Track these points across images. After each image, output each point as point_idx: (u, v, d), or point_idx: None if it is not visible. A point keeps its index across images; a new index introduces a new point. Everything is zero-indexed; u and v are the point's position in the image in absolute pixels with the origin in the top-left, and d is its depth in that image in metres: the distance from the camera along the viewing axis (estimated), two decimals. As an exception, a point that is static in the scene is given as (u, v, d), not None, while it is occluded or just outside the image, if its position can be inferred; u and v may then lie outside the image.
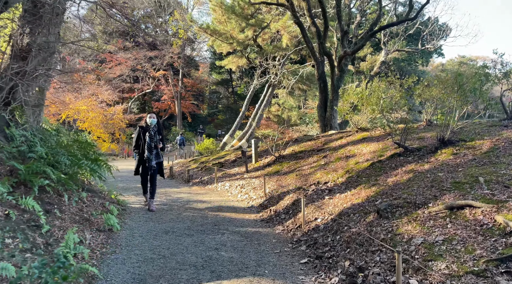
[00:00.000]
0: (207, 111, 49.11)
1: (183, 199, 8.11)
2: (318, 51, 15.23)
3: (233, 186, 9.15)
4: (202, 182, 10.62)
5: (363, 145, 7.79)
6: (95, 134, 22.16)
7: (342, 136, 9.28)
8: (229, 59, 24.70)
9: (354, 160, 7.01)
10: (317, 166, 7.83)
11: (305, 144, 10.12)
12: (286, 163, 9.05)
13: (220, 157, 13.33)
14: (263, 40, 24.77)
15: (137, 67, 29.95)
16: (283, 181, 7.83)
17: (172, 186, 10.41)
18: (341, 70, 15.07)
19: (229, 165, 11.57)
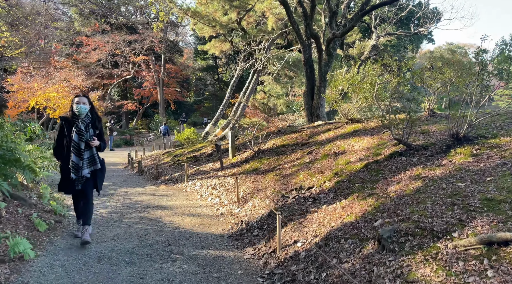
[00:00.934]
0: (193, 98, 47.34)
1: (142, 204, 6.74)
2: (305, 34, 13.82)
3: (204, 185, 7.80)
4: (172, 179, 9.24)
5: (355, 139, 6.49)
6: (68, 123, 20.42)
7: (330, 128, 7.97)
8: (211, 43, 23.03)
9: (344, 159, 5.72)
10: (300, 164, 6.52)
11: (289, 137, 8.79)
12: (266, 159, 7.72)
13: (196, 150, 11.94)
14: (248, 24, 23.16)
15: (115, 52, 27.99)
16: (260, 182, 6.51)
17: (136, 184, 9.01)
18: (329, 55, 13.70)
19: (204, 160, 10.20)
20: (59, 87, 20.14)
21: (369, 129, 6.83)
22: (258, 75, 22.44)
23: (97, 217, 5.79)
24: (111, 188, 8.53)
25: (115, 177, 10.33)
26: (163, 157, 12.78)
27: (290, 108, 24.47)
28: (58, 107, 19.83)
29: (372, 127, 6.92)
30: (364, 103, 7.54)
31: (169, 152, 13.04)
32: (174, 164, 10.82)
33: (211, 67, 40.57)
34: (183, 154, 11.92)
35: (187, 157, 10.98)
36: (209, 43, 23.22)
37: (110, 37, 27.40)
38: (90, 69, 29.06)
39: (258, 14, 23.31)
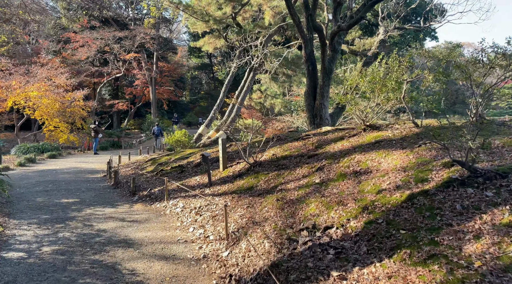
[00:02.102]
0: (189, 98, 45.59)
1: (104, 236, 5.10)
2: (306, 27, 12.24)
3: (187, 208, 6.17)
4: (151, 196, 7.58)
5: (380, 153, 4.89)
6: (51, 125, 18.68)
7: (343, 136, 6.35)
8: (205, 39, 21.35)
9: (371, 183, 4.11)
10: (309, 185, 4.91)
11: (291, 145, 7.17)
12: (264, 175, 6.10)
13: (183, 157, 10.29)
14: (243, 19, 21.50)
15: (105, 49, 26.18)
16: (257, 209, 4.90)
17: (107, 202, 7.35)
18: (333, 50, 12.12)
19: (190, 171, 8.55)
20: (40, 85, 18.36)
21: (396, 140, 5.22)
22: (254, 74, 20.80)
23: (34, 262, 4.14)
24: (75, 208, 6.88)
25: (87, 191, 8.66)
26: (147, 164, 11.11)
27: (288, 109, 22.87)
28: (38, 107, 18.07)
29: (400, 136, 5.31)
30: (385, 104, 5.94)
31: (153, 159, 11.37)
32: (157, 175, 9.16)
33: (205, 65, 38.86)
34: (169, 162, 10.26)
35: (172, 166, 9.33)
36: (202, 39, 21.55)
37: (99, 34, 25.59)
38: (79, 67, 27.24)
39: (254, 9, 21.68)
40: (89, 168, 13.12)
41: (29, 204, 7.28)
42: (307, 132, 7.84)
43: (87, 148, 19.74)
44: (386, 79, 5.49)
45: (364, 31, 25.75)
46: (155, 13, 24.64)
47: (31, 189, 9.00)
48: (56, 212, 6.62)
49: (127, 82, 31.67)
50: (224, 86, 21.00)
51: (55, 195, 8.11)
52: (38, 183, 9.80)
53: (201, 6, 19.46)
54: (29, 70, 18.82)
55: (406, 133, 5.35)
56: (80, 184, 9.76)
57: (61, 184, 9.73)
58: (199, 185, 7.25)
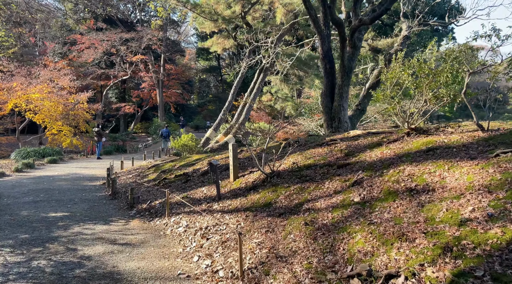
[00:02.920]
0: (196, 101, 44.75)
1: (87, 266, 4.02)
2: (323, 22, 11.12)
3: (191, 227, 5.07)
4: (150, 210, 6.50)
5: (440, 164, 3.73)
6: (54, 128, 17.82)
7: (380, 142, 5.20)
8: (213, 40, 20.37)
9: (443, 208, 2.95)
10: (346, 205, 3.78)
11: (314, 152, 6.03)
12: (284, 188, 4.98)
13: (189, 164, 9.21)
14: (253, 19, 20.48)
15: (111, 51, 25.39)
16: (280, 236, 3.78)
17: (100, 217, 6.28)
18: (353, 46, 10.99)
19: (196, 180, 7.45)
20: (43, 87, 17.53)
21: (457, 147, 4.05)
22: (264, 75, 19.72)
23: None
24: (62, 224, 5.83)
25: (80, 202, 7.62)
26: (150, 171, 10.04)
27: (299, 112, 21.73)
28: (40, 110, 17.21)
29: (461, 143, 4.14)
30: (434, 104, 4.77)
31: (157, 165, 10.30)
32: (159, 184, 8.09)
33: (214, 68, 37.94)
34: (173, 169, 9.19)
35: (176, 175, 8.25)
36: (210, 39, 20.58)
37: (106, 35, 24.82)
38: (85, 69, 26.51)
39: (264, 8, 20.66)
40: (89, 174, 12.13)
41: (11, 218, 6.25)
42: (332, 136, 6.69)
43: (91, 152, 18.82)
44: (441, 72, 4.34)
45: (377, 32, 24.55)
46: (162, 13, 23.78)
47: (20, 199, 7.99)
48: (39, 229, 5.57)
49: (134, 85, 30.87)
50: (233, 88, 19.95)
51: (44, 207, 7.08)
52: (30, 192, 8.80)
53: (209, 5, 18.50)
54: (31, 72, 18.01)
55: (467, 139, 4.18)
56: (75, 193, 8.74)
57: (54, 193, 8.71)
58: (206, 198, 6.14)
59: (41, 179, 10.99)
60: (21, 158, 15.12)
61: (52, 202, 7.60)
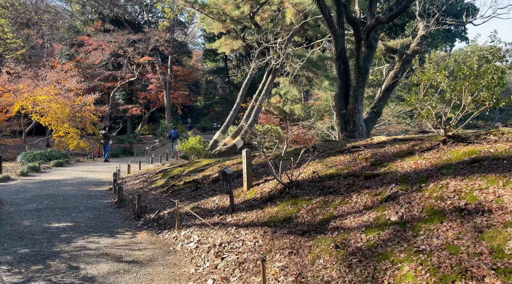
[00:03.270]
0: (203, 102, 44.44)
1: (87, 292, 3.59)
2: (337, 21, 10.66)
3: (204, 243, 4.62)
4: (159, 221, 6.07)
5: (491, 179, 3.24)
6: (60, 130, 17.54)
7: (411, 150, 4.70)
8: (221, 41, 19.96)
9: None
10: (381, 224, 3.30)
11: (335, 160, 5.55)
12: (305, 201, 4.51)
13: (198, 169, 8.77)
14: (261, 20, 20.05)
15: (118, 52, 25.13)
16: (306, 260, 3.31)
17: (106, 228, 5.87)
18: (369, 47, 10.52)
19: (207, 188, 7.01)
20: (49, 89, 17.27)
21: (508, 159, 3.55)
22: (273, 76, 19.26)
23: None
24: (65, 237, 5.42)
25: (85, 210, 7.22)
26: (157, 176, 9.63)
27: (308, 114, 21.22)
28: (47, 112, 16.94)
29: (509, 153, 3.64)
30: (472, 108, 4.27)
31: (165, 170, 9.87)
32: (167, 191, 7.66)
33: (221, 69, 37.59)
34: (182, 174, 8.76)
35: (185, 181, 7.82)
36: (218, 40, 20.18)
37: (113, 37, 24.57)
38: (92, 71, 26.30)
39: (273, 8, 20.22)
40: (96, 178, 11.77)
41: (12, 229, 5.86)
42: (353, 143, 6.20)
43: (98, 154, 18.51)
44: (481, 72, 3.85)
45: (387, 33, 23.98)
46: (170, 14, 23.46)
47: (23, 206, 7.62)
48: (40, 243, 5.17)
49: (141, 86, 30.62)
50: (241, 89, 19.52)
51: (47, 217, 6.69)
52: (34, 198, 8.44)
53: (217, 5, 18.11)
54: (38, 74, 17.76)
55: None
56: (80, 199, 8.36)
57: (59, 199, 8.34)
58: (218, 209, 5.69)
59: (46, 184, 10.65)
60: (27, 161, 14.84)
61: (56, 210, 7.22)
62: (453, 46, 26.51)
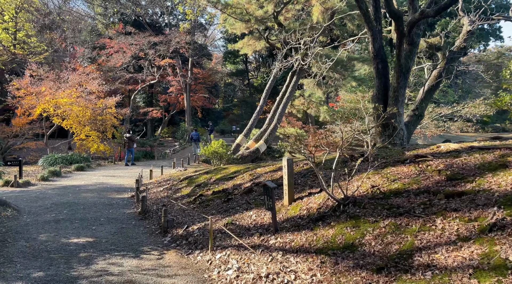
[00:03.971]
0: (222, 105, 43.99)
1: None
2: (374, 16, 9.83)
3: (245, 274, 3.83)
4: (188, 238, 5.32)
5: None
6: (81, 133, 17.22)
7: (504, 162, 3.79)
8: (244, 41, 19.30)
9: None
10: (497, 266, 2.44)
11: (395, 172, 4.69)
12: (369, 224, 3.67)
13: (227, 177, 8.02)
14: (285, 19, 19.30)
15: (140, 55, 24.85)
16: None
17: (129, 246, 5.17)
18: (411, 43, 9.60)
19: (239, 199, 6.24)
20: (71, 92, 16.99)
21: None
22: (298, 78, 18.43)
23: None
24: (84, 257, 4.75)
25: (106, 222, 6.58)
26: (182, 184, 8.94)
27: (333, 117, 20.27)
28: (68, 115, 16.64)
29: None
30: None
31: (190, 177, 9.17)
32: (195, 202, 6.95)
33: (241, 72, 37.00)
34: (209, 183, 8.03)
35: (214, 191, 7.09)
36: (241, 41, 19.51)
37: (134, 39, 24.31)
38: (114, 74, 26.14)
39: (297, 8, 19.44)
40: (117, 184, 11.22)
41: (26, 245, 5.25)
42: (414, 151, 5.30)
43: (118, 158, 18.10)
44: None
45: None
46: (191, 16, 22.98)
47: (41, 216, 7.06)
48: (56, 264, 4.51)
49: (162, 89, 30.32)
50: (264, 91, 18.78)
51: (66, 229, 6.07)
52: (53, 207, 7.89)
53: (241, 5, 17.45)
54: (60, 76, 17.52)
55: None
56: (101, 209, 7.75)
57: (79, 208, 7.76)
58: (256, 227, 4.91)
59: (67, 190, 10.15)
60: (49, 164, 14.51)
61: (75, 221, 6.61)
62: (487, 45, 24.92)
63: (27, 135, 17.65)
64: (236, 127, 36.15)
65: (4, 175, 12.16)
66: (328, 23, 14.73)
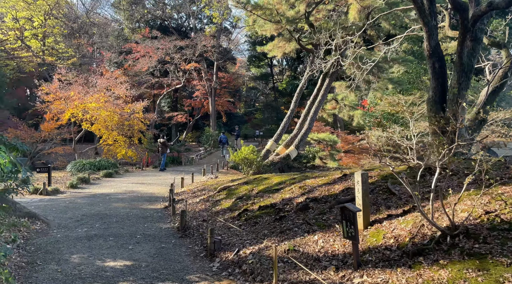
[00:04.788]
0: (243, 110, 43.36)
1: None
2: (429, 10, 8.83)
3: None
4: (241, 265, 4.48)
5: None
6: (109, 138, 16.84)
7: None
8: (274, 43, 18.53)
9: None
10: None
11: (509, 191, 3.72)
12: (502, 267, 2.73)
13: (270, 189, 7.18)
14: (315, 20, 18.43)
15: (165, 59, 24.52)
16: None
17: (171, 274, 4.37)
18: (474, 39, 8.52)
19: (294, 218, 5.36)
20: (99, 96, 16.65)
21: None
22: (330, 80, 17.46)
23: None
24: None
25: (143, 239, 5.85)
26: (220, 195, 8.15)
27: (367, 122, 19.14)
28: (96, 120, 16.30)
29: None
30: None
31: (228, 188, 8.37)
32: (240, 218, 6.13)
33: (265, 75, 36.26)
34: (251, 195, 7.20)
35: (260, 206, 6.25)
36: (271, 43, 18.75)
37: (160, 43, 24.01)
38: (140, 78, 25.94)
39: (328, 8, 18.56)
40: (147, 192, 10.59)
41: (58, 270, 4.55)
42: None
43: (146, 164, 17.62)
44: None
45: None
46: (217, 19, 22.45)
47: (72, 231, 6.43)
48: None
49: (187, 93, 29.96)
50: (295, 95, 17.92)
51: (100, 249, 5.37)
52: (84, 219, 7.28)
53: (271, 5, 16.71)
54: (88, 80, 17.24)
55: None
56: (135, 222, 7.07)
57: (111, 221, 7.10)
58: (327, 256, 4.03)
59: (96, 199, 9.58)
60: (77, 170, 14.12)
61: (109, 238, 5.91)
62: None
63: (55, 140, 17.43)
64: (260, 132, 35.36)
65: (33, 181, 11.78)
66: (372, 21, 13.76)
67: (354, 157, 21.34)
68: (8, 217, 6.62)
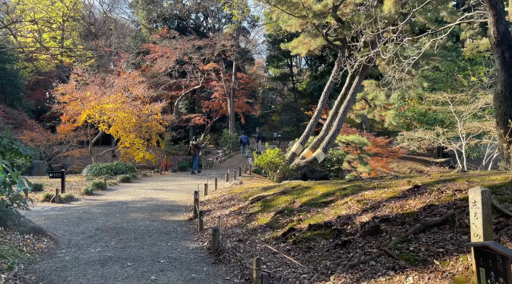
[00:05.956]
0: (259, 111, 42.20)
1: None
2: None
3: None
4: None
5: None
6: (126, 141, 15.91)
7: None
8: (299, 39, 17.27)
9: None
10: None
11: None
12: None
13: (317, 202, 5.91)
14: (342, 15, 17.13)
15: (184, 59, 23.58)
16: None
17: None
18: (555, 23, 7.07)
19: (364, 245, 4.08)
20: (116, 97, 15.74)
21: None
22: (360, 79, 16.08)
23: None
24: None
25: (169, 266, 4.68)
26: (254, 207, 6.93)
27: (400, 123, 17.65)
28: (114, 121, 15.37)
29: None
30: None
31: (263, 199, 7.13)
32: (286, 240, 4.89)
33: (284, 76, 34.99)
34: (293, 209, 5.96)
35: (310, 224, 4.99)
36: (295, 39, 17.50)
37: (178, 43, 23.09)
38: (157, 79, 25.10)
39: (357, 2, 17.20)
40: (168, 200, 9.48)
41: None
42: None
43: (165, 168, 16.60)
44: None
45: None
46: (237, 17, 21.36)
47: (83, 251, 5.32)
48: None
49: (205, 94, 29.01)
50: (323, 94, 16.60)
51: (115, 279, 4.22)
52: (97, 234, 6.18)
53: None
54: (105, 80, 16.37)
55: None
56: (157, 240, 5.92)
57: (129, 238, 5.98)
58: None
59: (113, 208, 8.52)
60: (93, 174, 13.18)
61: (127, 264, 4.77)
62: None
63: (72, 142, 16.63)
64: (277, 134, 34.09)
65: (46, 187, 10.88)
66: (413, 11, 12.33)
67: (382, 161, 19.85)
68: (11, 233, 5.59)
